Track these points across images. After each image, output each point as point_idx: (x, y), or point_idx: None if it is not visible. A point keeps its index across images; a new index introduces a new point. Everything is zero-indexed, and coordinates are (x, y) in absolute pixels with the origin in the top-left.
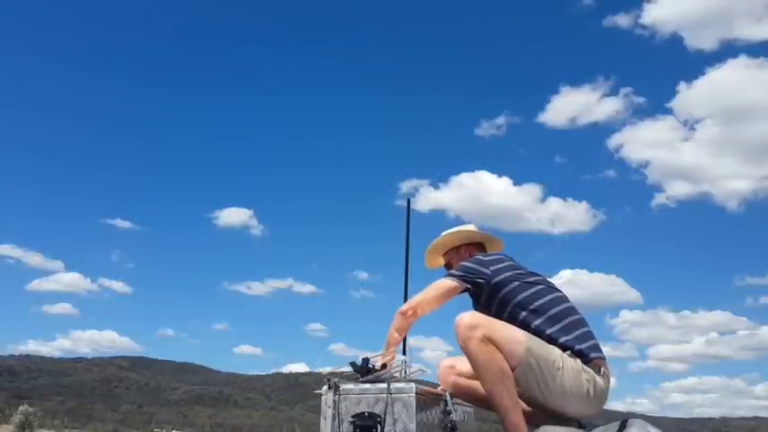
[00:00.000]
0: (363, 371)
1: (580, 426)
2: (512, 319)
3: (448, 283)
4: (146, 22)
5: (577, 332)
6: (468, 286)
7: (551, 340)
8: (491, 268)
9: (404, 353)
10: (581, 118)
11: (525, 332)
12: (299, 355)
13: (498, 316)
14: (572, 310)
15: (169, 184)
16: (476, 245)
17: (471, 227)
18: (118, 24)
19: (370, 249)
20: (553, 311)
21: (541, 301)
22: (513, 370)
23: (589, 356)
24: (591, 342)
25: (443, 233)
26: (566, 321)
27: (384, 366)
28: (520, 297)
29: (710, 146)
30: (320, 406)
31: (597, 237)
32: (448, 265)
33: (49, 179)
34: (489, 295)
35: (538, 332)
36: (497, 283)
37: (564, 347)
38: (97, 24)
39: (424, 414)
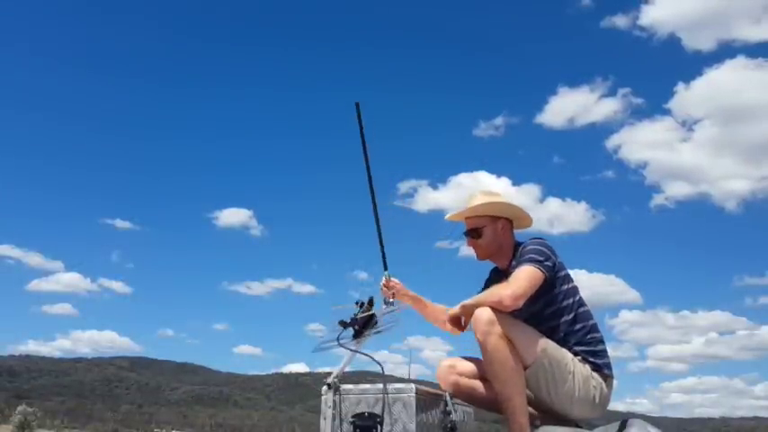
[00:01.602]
0: (351, 323)
1: (578, 427)
2: (550, 318)
3: (539, 273)
4: (146, 22)
5: (598, 347)
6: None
7: (571, 348)
8: (558, 260)
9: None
10: (579, 119)
11: (540, 333)
12: (298, 355)
13: (536, 310)
14: (597, 327)
15: (169, 184)
16: (509, 220)
17: (503, 198)
18: (118, 24)
19: (370, 249)
20: (590, 323)
21: (582, 310)
22: (525, 369)
23: (602, 371)
24: (606, 360)
25: (490, 198)
26: (593, 335)
27: (371, 318)
28: (571, 299)
29: (709, 146)
30: (320, 406)
31: (596, 237)
32: (473, 230)
33: (49, 179)
34: (541, 286)
35: (566, 340)
36: (561, 277)
37: (576, 354)
38: (97, 24)
39: (423, 414)
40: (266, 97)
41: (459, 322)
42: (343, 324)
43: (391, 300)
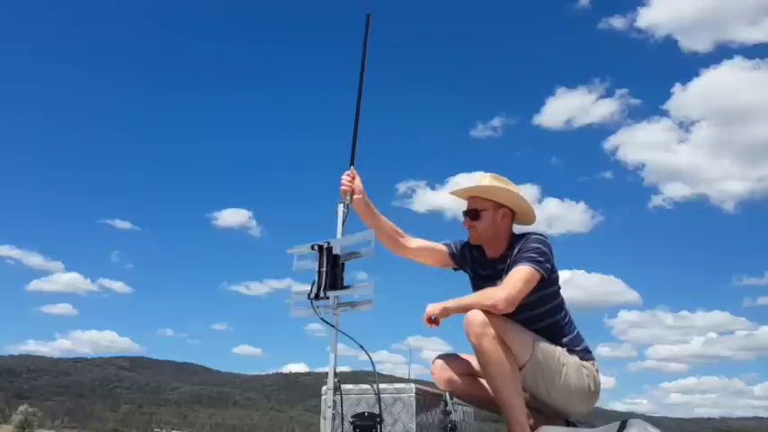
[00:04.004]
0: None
1: (572, 425)
2: (543, 317)
3: (537, 275)
4: (146, 22)
5: (576, 335)
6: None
7: (559, 342)
8: (554, 260)
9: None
10: (577, 119)
11: (532, 332)
12: (298, 355)
13: (529, 310)
14: (570, 314)
15: (169, 184)
16: (512, 211)
17: (513, 188)
18: (118, 24)
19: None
20: (570, 314)
21: (565, 303)
22: (521, 368)
23: (588, 358)
24: (584, 344)
25: (500, 183)
26: (572, 325)
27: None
28: (561, 297)
29: (706, 147)
30: (320, 406)
31: (595, 237)
32: (472, 211)
33: (49, 179)
34: (536, 287)
35: (557, 336)
36: (556, 278)
37: (563, 346)
38: (97, 24)
39: (424, 414)
40: (266, 97)
41: (430, 318)
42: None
43: (348, 201)
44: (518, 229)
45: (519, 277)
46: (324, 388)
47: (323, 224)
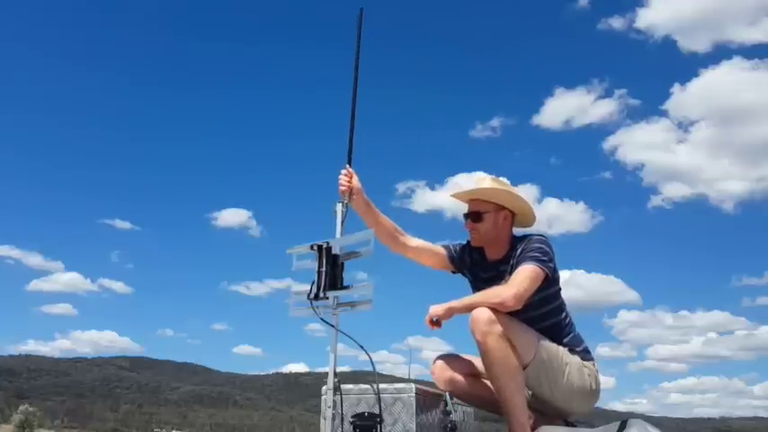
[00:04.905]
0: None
1: (572, 425)
2: (545, 317)
3: (542, 273)
4: (146, 22)
5: (577, 335)
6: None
7: (560, 342)
8: (555, 260)
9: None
10: (576, 120)
11: (536, 331)
12: (299, 355)
13: (532, 309)
14: (570, 315)
15: (169, 184)
16: (512, 212)
17: (513, 189)
18: (118, 24)
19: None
20: (570, 315)
21: (565, 304)
22: (525, 367)
23: (588, 358)
24: (584, 344)
25: (500, 185)
26: (572, 325)
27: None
28: (562, 299)
29: (705, 147)
30: (320, 406)
31: (595, 237)
32: (474, 213)
33: (49, 179)
34: (540, 286)
35: (559, 336)
36: (557, 278)
37: (564, 346)
38: (97, 24)
39: (424, 414)
40: (266, 97)
41: (433, 320)
42: (316, 296)
43: (347, 200)
44: (517, 231)
45: (525, 275)
46: (324, 388)
47: (322, 224)
